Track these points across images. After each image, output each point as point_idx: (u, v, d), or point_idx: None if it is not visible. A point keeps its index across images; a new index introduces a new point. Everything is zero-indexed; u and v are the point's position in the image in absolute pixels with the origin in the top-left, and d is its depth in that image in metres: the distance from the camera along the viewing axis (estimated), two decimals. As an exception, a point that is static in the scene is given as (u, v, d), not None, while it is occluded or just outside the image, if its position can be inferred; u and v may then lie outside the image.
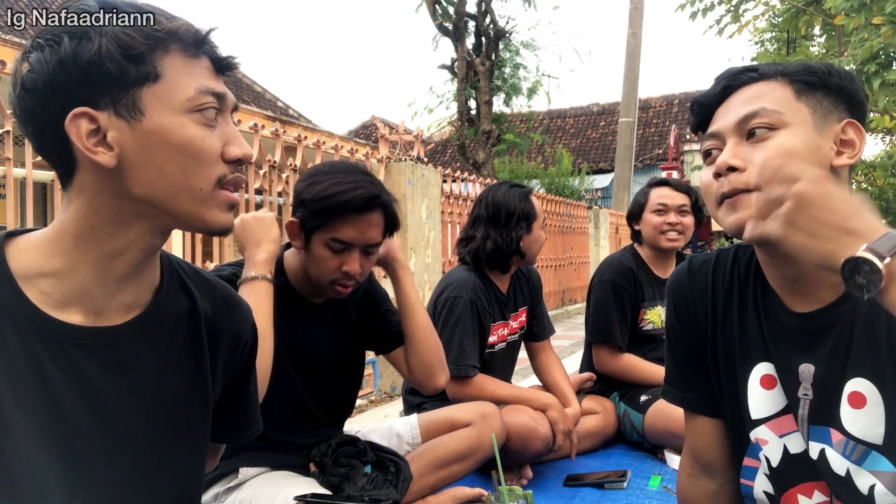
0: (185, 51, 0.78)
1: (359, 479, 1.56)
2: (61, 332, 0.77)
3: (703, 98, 1.03)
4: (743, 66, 1.00)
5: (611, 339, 2.48)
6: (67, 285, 0.77)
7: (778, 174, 0.77)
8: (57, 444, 0.76)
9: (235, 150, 0.81)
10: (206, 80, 0.80)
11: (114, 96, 0.74)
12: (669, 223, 2.51)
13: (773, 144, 0.92)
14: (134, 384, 0.83)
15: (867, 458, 0.93)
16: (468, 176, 5.91)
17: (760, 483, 1.08)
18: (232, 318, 0.96)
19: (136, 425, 0.83)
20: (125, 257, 0.79)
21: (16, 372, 0.73)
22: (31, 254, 0.77)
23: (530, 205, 2.27)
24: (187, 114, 0.77)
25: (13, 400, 0.73)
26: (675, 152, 15.40)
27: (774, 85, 0.97)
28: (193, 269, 0.95)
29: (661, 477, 2.22)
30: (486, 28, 11.75)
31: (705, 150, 1.02)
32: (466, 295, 2.16)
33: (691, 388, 1.16)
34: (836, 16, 5.18)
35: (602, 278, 2.56)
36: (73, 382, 0.77)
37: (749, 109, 0.95)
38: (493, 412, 1.96)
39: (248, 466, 1.54)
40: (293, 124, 9.17)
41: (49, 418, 0.76)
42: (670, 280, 1.18)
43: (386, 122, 19.40)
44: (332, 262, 1.48)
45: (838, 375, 0.95)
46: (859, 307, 0.93)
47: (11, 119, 2.40)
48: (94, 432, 0.79)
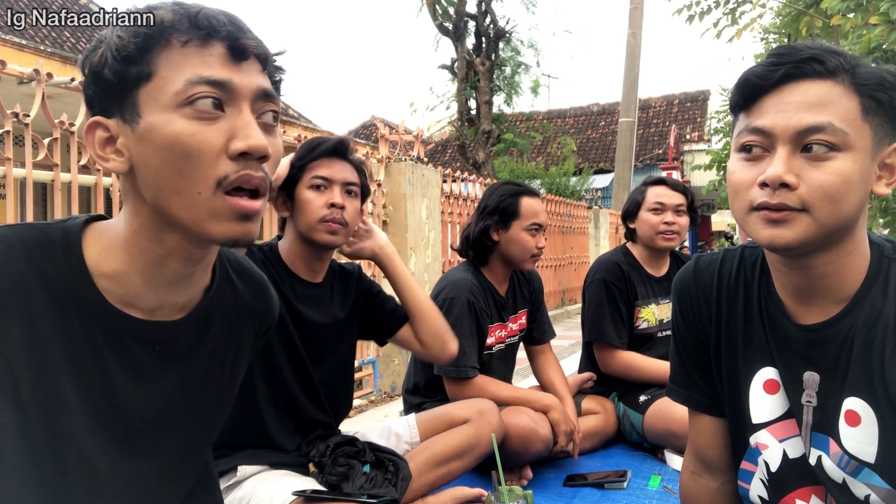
0: (185, 41, 0.73)
1: (357, 479, 1.56)
2: (123, 324, 0.80)
3: (756, 78, 0.90)
4: (807, 53, 0.87)
5: (606, 337, 2.48)
6: (123, 287, 0.79)
7: None
8: (107, 430, 0.80)
9: (238, 143, 0.72)
10: (206, 68, 0.73)
11: (119, 102, 0.74)
12: (666, 223, 2.50)
13: (833, 168, 0.85)
14: (182, 377, 0.87)
15: (861, 472, 0.93)
16: (468, 176, 5.90)
17: (756, 488, 1.08)
18: (267, 303, 1.01)
19: (179, 414, 0.88)
20: (170, 265, 0.79)
21: (78, 359, 0.77)
22: (97, 248, 0.79)
23: (515, 203, 2.24)
24: (176, 109, 0.72)
25: (73, 385, 0.76)
26: (675, 152, 15.40)
27: (841, 91, 0.87)
28: (236, 258, 0.98)
29: (661, 477, 2.22)
30: (486, 28, 11.75)
31: (746, 143, 0.91)
32: (464, 296, 2.16)
33: (696, 386, 1.16)
34: (833, 16, 5.19)
35: (594, 278, 2.56)
36: (128, 373, 0.81)
37: (815, 121, 0.85)
38: (491, 408, 1.96)
39: (247, 465, 1.54)
40: (293, 124, 9.16)
41: (103, 405, 0.79)
42: (676, 278, 1.17)
43: (386, 122, 19.40)
44: (318, 201, 1.58)
45: (838, 389, 0.95)
46: (858, 325, 0.92)
47: (11, 119, 2.40)
48: (142, 420, 0.83)
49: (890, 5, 4.54)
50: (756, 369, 1.05)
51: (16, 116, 2.41)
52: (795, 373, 1.00)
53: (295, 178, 1.60)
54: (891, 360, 0.89)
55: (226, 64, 0.74)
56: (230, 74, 0.74)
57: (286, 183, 1.61)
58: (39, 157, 2.49)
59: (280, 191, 1.62)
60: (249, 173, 0.73)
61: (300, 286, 1.65)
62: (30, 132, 2.44)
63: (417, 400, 2.27)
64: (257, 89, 0.76)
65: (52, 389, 0.75)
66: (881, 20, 4.64)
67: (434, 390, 2.25)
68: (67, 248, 0.77)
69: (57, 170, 2.56)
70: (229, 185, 0.73)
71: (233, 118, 0.74)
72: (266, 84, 0.77)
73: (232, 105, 0.74)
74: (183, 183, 0.72)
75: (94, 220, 0.82)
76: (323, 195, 1.59)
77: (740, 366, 1.07)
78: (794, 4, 6.59)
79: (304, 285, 1.66)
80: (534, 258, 2.28)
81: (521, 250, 2.25)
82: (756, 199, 0.88)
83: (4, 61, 2.43)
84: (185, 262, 0.79)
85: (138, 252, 0.78)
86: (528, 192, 2.30)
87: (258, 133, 0.73)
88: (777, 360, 1.02)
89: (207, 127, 0.72)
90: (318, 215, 1.58)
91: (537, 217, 2.26)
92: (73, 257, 0.77)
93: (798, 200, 0.86)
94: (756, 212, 0.89)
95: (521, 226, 2.24)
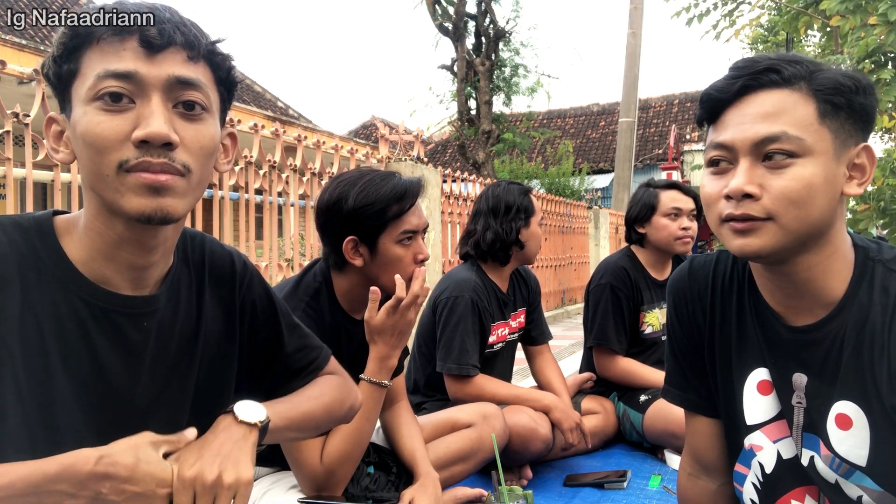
0: (102, 38, 0.77)
1: (362, 480, 1.56)
2: (108, 300, 0.84)
3: (717, 93, 0.93)
4: (764, 64, 0.90)
5: (609, 343, 2.48)
6: (94, 271, 0.83)
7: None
8: (101, 403, 0.84)
9: (137, 131, 0.76)
10: (116, 62, 0.76)
11: (61, 99, 0.81)
12: (684, 228, 2.49)
13: (792, 175, 0.87)
14: (163, 350, 0.90)
15: (853, 475, 0.93)
16: (468, 176, 5.91)
17: (748, 491, 1.08)
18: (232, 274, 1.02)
19: (161, 388, 0.90)
20: (125, 250, 0.83)
21: (65, 338, 0.81)
22: (65, 235, 0.84)
23: (529, 200, 2.33)
24: (90, 102, 0.76)
25: (61, 364, 0.80)
26: (675, 152, 15.40)
27: (797, 98, 0.88)
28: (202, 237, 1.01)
29: (661, 477, 2.22)
30: (485, 28, 11.75)
31: (713, 157, 0.94)
32: (468, 295, 2.16)
33: (691, 387, 1.16)
34: (832, 17, 5.19)
35: (600, 282, 2.54)
36: (117, 350, 0.85)
37: (769, 131, 0.87)
38: (495, 413, 1.96)
39: (257, 465, 1.54)
40: (293, 124, 9.17)
41: (94, 381, 0.83)
42: (671, 280, 1.18)
43: (386, 122, 19.41)
44: (408, 256, 1.50)
45: (827, 392, 0.95)
46: (848, 328, 0.93)
47: (11, 119, 2.40)
48: (136, 395, 0.87)
49: (888, 6, 4.54)
50: (749, 370, 1.05)
51: (16, 116, 2.41)
52: (786, 374, 1.00)
53: (375, 228, 1.48)
54: (878, 361, 0.89)
55: (138, 56, 0.77)
56: (137, 66, 0.76)
57: (358, 229, 1.48)
58: (39, 157, 2.49)
59: (347, 234, 1.49)
60: (148, 160, 0.76)
61: (350, 324, 1.59)
62: (30, 132, 2.44)
63: (417, 399, 2.27)
64: (167, 78, 0.78)
65: (43, 365, 0.79)
66: (880, 21, 4.65)
67: (434, 389, 2.25)
68: (42, 234, 0.83)
69: (57, 170, 2.56)
70: (130, 169, 0.76)
71: (141, 108, 0.77)
72: (182, 72, 0.78)
73: (142, 95, 0.77)
74: (96, 168, 0.77)
75: (56, 214, 0.87)
76: (410, 249, 1.51)
77: (734, 367, 1.07)
78: (794, 4, 6.59)
79: (353, 323, 1.60)
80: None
81: (538, 245, 2.37)
82: (724, 211, 0.91)
83: (4, 61, 2.43)
84: (139, 248, 0.84)
85: (97, 236, 0.82)
86: (528, 189, 2.41)
87: (158, 122, 0.76)
88: (769, 360, 1.02)
89: (113, 117, 0.76)
90: (408, 271, 1.50)
91: (539, 210, 2.39)
92: (49, 241, 0.82)
93: (762, 209, 0.88)
94: (726, 223, 0.91)
95: (536, 221, 2.34)
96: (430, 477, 1.60)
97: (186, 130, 0.79)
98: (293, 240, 4.07)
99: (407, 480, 1.63)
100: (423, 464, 1.63)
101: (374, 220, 1.46)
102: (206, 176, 0.84)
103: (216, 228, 3.33)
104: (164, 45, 0.77)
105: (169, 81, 0.77)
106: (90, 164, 0.78)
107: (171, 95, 0.78)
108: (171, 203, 0.78)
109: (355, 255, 1.49)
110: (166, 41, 0.77)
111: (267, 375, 1.08)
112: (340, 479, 1.42)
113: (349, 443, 1.41)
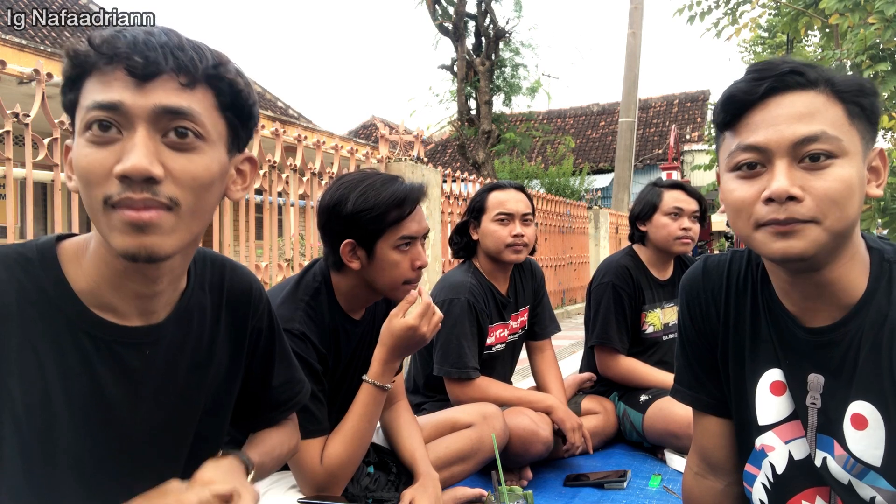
0: (100, 67, 0.74)
1: (362, 480, 1.56)
2: (110, 331, 0.83)
3: (743, 94, 0.90)
4: (788, 66, 0.88)
5: (611, 342, 2.47)
6: (99, 300, 0.82)
7: None
8: (103, 434, 0.83)
9: (117, 167, 0.72)
10: (103, 92, 0.73)
11: (72, 127, 0.79)
12: (684, 228, 2.49)
13: (834, 175, 0.85)
14: (169, 378, 0.89)
15: (867, 475, 0.93)
16: (468, 176, 5.91)
17: (758, 491, 1.08)
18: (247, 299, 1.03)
19: (176, 412, 0.90)
20: (131, 280, 0.82)
21: (67, 369, 0.80)
22: (70, 264, 0.83)
23: (483, 198, 2.29)
24: (82, 134, 0.75)
25: (63, 396, 0.79)
26: (675, 152, 15.39)
27: (824, 99, 0.87)
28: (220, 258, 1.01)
29: (661, 477, 2.22)
30: (486, 28, 11.75)
31: (741, 161, 0.90)
32: (464, 297, 2.16)
33: (703, 387, 1.16)
34: (831, 16, 5.20)
35: (602, 281, 2.54)
36: (119, 380, 0.84)
37: (809, 131, 0.85)
38: (495, 413, 1.96)
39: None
40: (293, 124, 9.17)
41: (96, 412, 0.82)
42: (684, 279, 1.17)
43: (386, 122, 19.41)
44: (405, 262, 1.49)
45: (843, 393, 0.95)
46: (865, 329, 0.92)
47: (11, 119, 2.40)
48: (137, 422, 0.86)
49: (885, 2, 4.55)
50: (763, 371, 1.05)
51: (16, 116, 2.41)
52: (800, 375, 1.00)
53: (373, 232, 1.46)
54: None
55: (126, 86, 0.73)
56: (124, 96, 0.73)
57: (356, 232, 1.46)
58: (39, 157, 2.49)
59: (345, 237, 1.48)
60: (130, 196, 0.72)
61: (348, 324, 1.58)
62: (30, 132, 2.44)
63: (418, 399, 2.27)
64: (153, 108, 0.73)
65: (42, 398, 0.78)
66: (877, 18, 4.66)
67: (434, 390, 2.25)
68: (45, 265, 0.81)
69: (57, 170, 2.56)
70: (115, 205, 0.73)
71: (126, 140, 0.73)
72: (170, 101, 0.74)
73: (128, 127, 0.74)
74: (87, 201, 0.76)
75: (61, 239, 0.85)
76: (408, 255, 1.49)
77: (747, 367, 1.07)
78: (794, 4, 6.59)
79: (352, 323, 1.59)
80: (511, 248, 2.23)
81: (493, 242, 2.24)
82: (763, 216, 0.88)
83: (4, 61, 2.43)
84: (142, 278, 0.82)
85: (104, 264, 0.81)
86: (497, 187, 2.31)
87: (138, 155, 0.72)
88: (782, 361, 1.02)
89: (99, 150, 0.73)
90: (403, 278, 1.49)
91: (503, 207, 2.24)
92: (52, 272, 0.81)
93: (806, 212, 0.85)
94: (763, 227, 0.88)
95: (488, 218, 2.26)
96: (430, 477, 1.59)
97: (176, 161, 0.75)
98: (293, 240, 4.07)
99: (407, 480, 1.63)
100: (423, 464, 1.62)
101: (372, 224, 1.45)
102: (204, 207, 0.79)
103: (216, 229, 3.33)
104: (153, 74, 0.74)
105: (155, 111, 0.74)
106: (83, 197, 0.76)
107: (159, 126, 0.75)
108: (156, 241, 0.74)
109: (352, 257, 1.49)
110: (154, 69, 0.73)
111: (249, 404, 1.08)
112: (340, 480, 1.42)
113: (350, 444, 1.41)
